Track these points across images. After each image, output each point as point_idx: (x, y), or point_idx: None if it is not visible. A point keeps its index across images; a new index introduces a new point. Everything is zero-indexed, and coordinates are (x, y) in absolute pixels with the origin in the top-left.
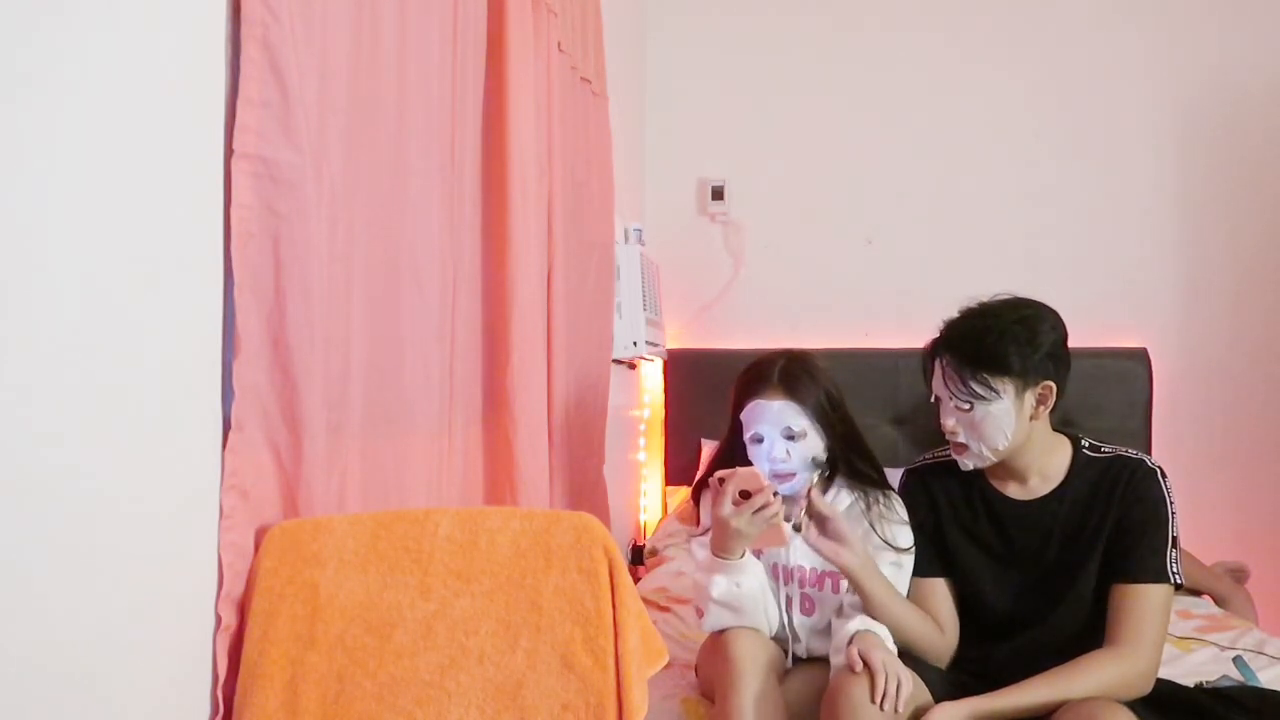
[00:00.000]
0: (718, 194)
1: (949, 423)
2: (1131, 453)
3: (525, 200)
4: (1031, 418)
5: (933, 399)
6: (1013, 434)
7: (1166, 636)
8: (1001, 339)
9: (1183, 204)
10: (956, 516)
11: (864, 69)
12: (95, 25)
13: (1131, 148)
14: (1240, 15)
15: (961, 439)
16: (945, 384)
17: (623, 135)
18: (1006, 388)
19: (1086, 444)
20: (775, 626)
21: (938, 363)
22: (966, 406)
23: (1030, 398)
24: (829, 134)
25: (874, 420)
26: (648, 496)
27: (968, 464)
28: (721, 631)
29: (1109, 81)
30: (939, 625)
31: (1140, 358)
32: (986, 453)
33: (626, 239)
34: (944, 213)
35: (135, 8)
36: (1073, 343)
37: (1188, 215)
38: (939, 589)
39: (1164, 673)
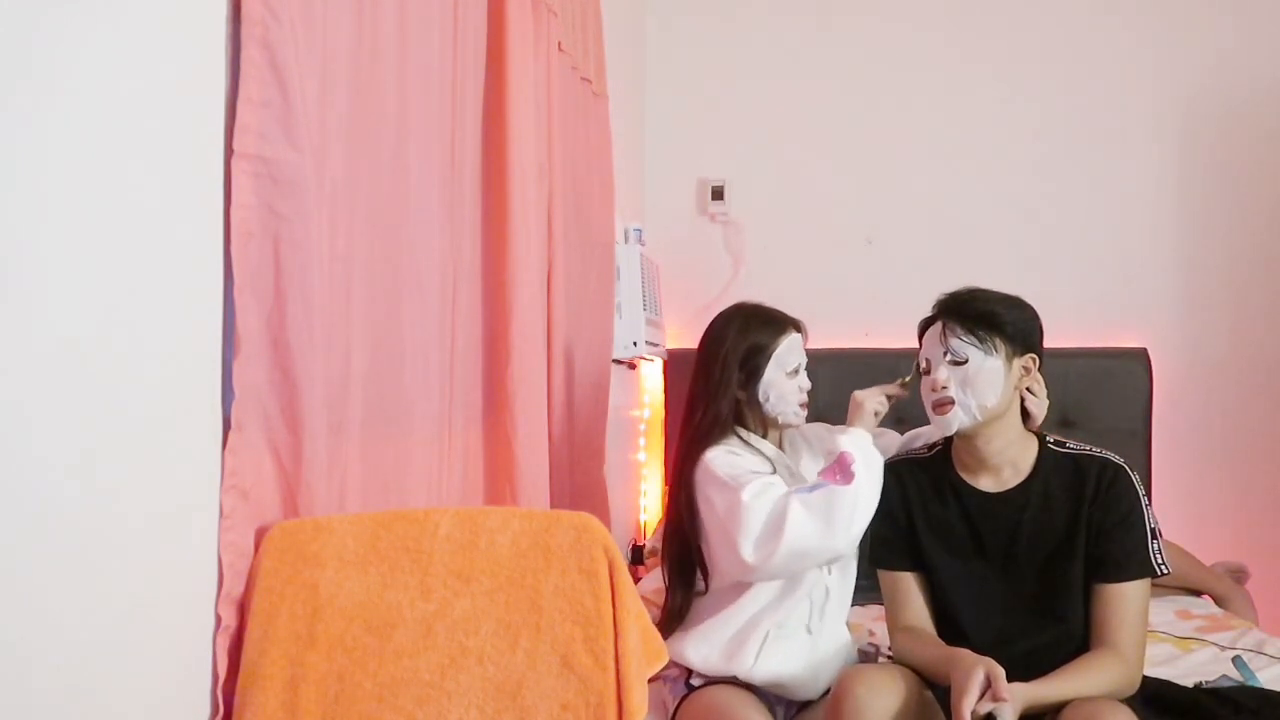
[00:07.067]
0: (718, 194)
1: (940, 377)
2: (1097, 451)
3: (525, 200)
4: (1015, 388)
5: (922, 364)
6: (1000, 395)
7: (1166, 636)
8: (997, 304)
9: (1183, 204)
10: (926, 508)
11: (865, 69)
12: (95, 25)
13: (1132, 147)
14: (1240, 15)
15: (951, 393)
16: (941, 341)
17: (623, 135)
18: (1000, 346)
19: (1052, 440)
20: None
21: (933, 327)
22: (962, 359)
23: (1018, 367)
24: (829, 134)
25: None
26: (648, 496)
27: (952, 425)
28: (709, 690)
29: (1109, 81)
30: (919, 620)
31: (1140, 358)
32: (974, 409)
33: (626, 239)
34: (944, 213)
35: (135, 8)
36: (1073, 343)
37: (1188, 215)
38: (908, 583)
39: (1164, 672)
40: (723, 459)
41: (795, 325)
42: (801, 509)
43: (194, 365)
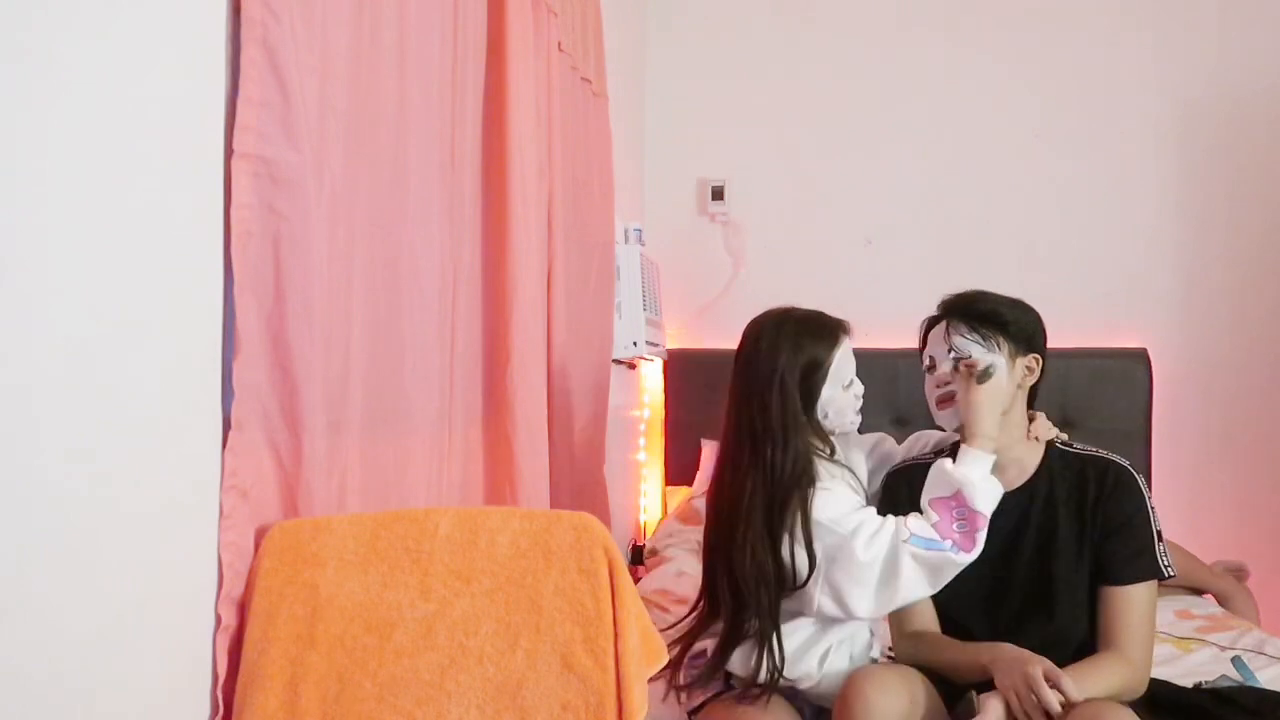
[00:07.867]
0: (718, 194)
1: (944, 371)
2: (1102, 453)
3: (525, 200)
4: (1019, 386)
5: (926, 362)
6: (1004, 392)
7: (1166, 636)
8: (1000, 304)
9: (1183, 204)
10: None
11: (864, 69)
12: (95, 25)
13: (1132, 148)
14: (1241, 17)
15: (954, 388)
16: (945, 339)
17: (623, 135)
18: (1003, 345)
19: (1059, 440)
20: None
21: (937, 327)
22: (966, 356)
23: (1021, 366)
24: (829, 134)
25: (875, 420)
26: (648, 496)
27: (955, 419)
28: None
29: (1110, 82)
30: (927, 625)
31: (1140, 358)
32: None
33: (626, 239)
34: (944, 213)
35: (135, 8)
36: (1073, 343)
37: (1188, 215)
38: None
39: (1164, 673)
40: (829, 508)
41: (845, 328)
42: (915, 567)
43: (194, 365)
